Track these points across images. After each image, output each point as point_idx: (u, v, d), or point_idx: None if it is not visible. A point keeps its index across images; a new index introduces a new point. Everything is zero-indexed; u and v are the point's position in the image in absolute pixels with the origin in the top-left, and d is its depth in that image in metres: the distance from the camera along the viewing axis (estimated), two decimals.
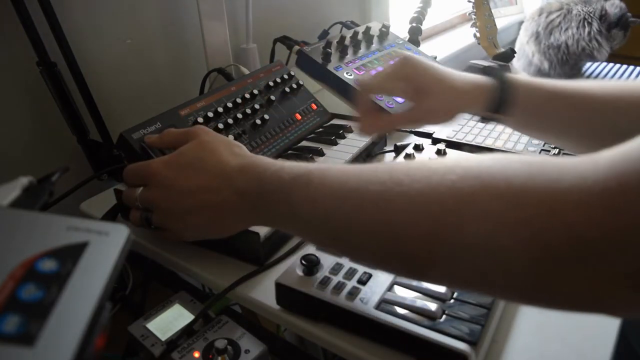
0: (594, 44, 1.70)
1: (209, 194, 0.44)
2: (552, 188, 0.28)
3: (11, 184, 0.30)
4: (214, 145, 0.47)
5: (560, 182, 0.27)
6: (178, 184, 0.45)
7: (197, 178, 0.45)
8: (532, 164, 0.30)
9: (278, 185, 0.41)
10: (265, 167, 0.43)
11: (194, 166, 0.45)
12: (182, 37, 0.86)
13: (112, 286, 0.23)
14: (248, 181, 0.43)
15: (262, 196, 0.42)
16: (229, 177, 0.44)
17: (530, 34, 1.81)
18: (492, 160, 0.32)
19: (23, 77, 0.68)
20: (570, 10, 1.74)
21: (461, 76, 0.58)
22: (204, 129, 0.50)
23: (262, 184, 0.42)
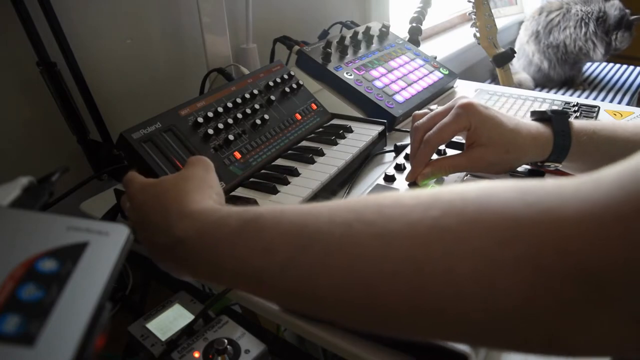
0: (590, 44, 1.70)
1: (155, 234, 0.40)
2: (555, 218, 0.23)
3: (11, 184, 0.30)
4: (186, 182, 0.43)
5: (564, 211, 0.23)
6: (142, 214, 0.42)
7: (154, 214, 0.40)
8: (525, 190, 0.25)
9: (221, 236, 0.35)
10: (209, 212, 0.37)
11: (157, 200, 0.42)
12: (182, 37, 0.86)
13: (112, 286, 0.23)
14: (186, 229, 0.37)
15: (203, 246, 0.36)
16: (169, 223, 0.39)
17: (530, 33, 1.81)
18: (477, 189, 0.27)
19: (23, 77, 0.68)
20: (570, 9, 1.74)
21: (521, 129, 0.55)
22: (200, 161, 0.46)
23: (203, 232, 0.36)
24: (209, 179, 0.45)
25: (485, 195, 0.26)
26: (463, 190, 0.28)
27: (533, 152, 0.56)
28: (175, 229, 0.38)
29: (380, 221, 0.28)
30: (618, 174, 0.23)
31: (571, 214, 0.23)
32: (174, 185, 0.42)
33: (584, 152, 0.55)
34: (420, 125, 0.59)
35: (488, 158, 0.55)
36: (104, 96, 0.75)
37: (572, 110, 0.82)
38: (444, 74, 0.98)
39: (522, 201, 0.25)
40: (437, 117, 0.58)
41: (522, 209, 0.24)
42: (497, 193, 0.26)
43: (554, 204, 0.24)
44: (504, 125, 0.55)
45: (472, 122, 0.55)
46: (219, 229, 0.36)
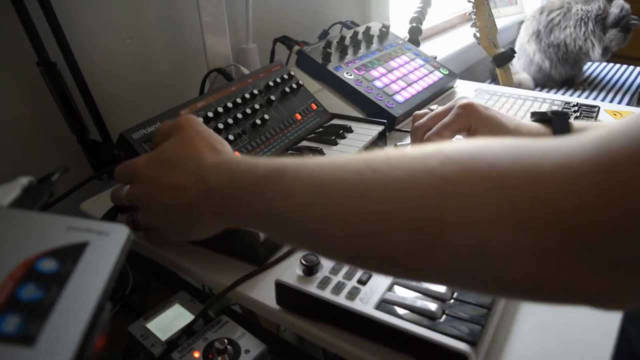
0: (589, 43, 1.70)
1: (182, 192, 0.43)
2: (536, 170, 0.26)
3: (11, 184, 0.30)
4: (193, 141, 0.45)
5: (544, 163, 0.26)
6: (156, 182, 0.44)
7: (172, 175, 0.44)
8: (515, 146, 0.28)
9: (251, 181, 0.39)
10: (239, 163, 0.41)
11: (171, 163, 0.44)
12: (182, 37, 0.86)
13: (112, 286, 0.23)
14: (220, 178, 0.41)
15: (234, 194, 0.40)
16: (201, 174, 0.42)
17: (531, 32, 1.81)
18: (473, 145, 0.30)
19: (23, 77, 0.68)
20: (570, 8, 1.74)
21: (522, 130, 0.56)
22: (190, 120, 0.48)
23: (234, 180, 0.40)
24: (211, 133, 0.48)
25: (480, 149, 0.29)
26: (461, 145, 0.31)
27: None
28: (209, 177, 0.42)
29: (386, 168, 0.31)
30: (597, 134, 0.25)
31: (549, 167, 0.25)
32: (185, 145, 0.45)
33: None
34: (421, 125, 0.59)
35: None
36: (104, 96, 0.75)
37: (572, 111, 0.82)
38: (444, 74, 0.98)
39: (510, 155, 0.27)
40: (437, 117, 0.59)
41: (508, 162, 0.27)
42: (490, 148, 0.29)
43: (535, 158, 0.26)
44: (505, 126, 0.56)
45: (472, 122, 0.55)
46: (249, 176, 0.39)
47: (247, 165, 0.40)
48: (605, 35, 1.69)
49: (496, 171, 0.27)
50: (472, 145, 0.30)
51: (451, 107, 0.58)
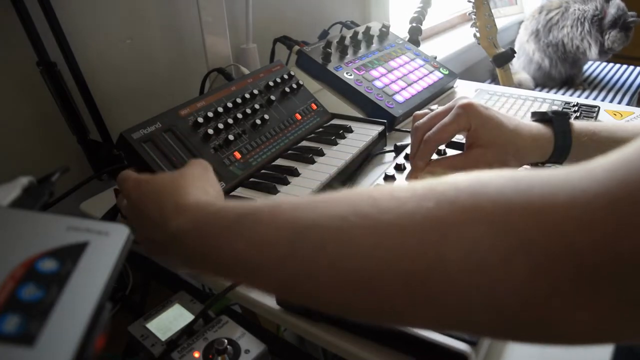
0: (585, 43, 1.70)
1: (153, 230, 0.40)
2: (548, 205, 0.23)
3: (11, 184, 0.30)
4: (182, 179, 0.43)
5: (557, 197, 0.23)
6: (137, 212, 0.43)
7: (150, 209, 0.41)
8: (517, 178, 0.25)
9: (220, 225, 0.35)
10: (206, 206, 0.38)
11: (152, 196, 0.42)
12: (182, 37, 0.86)
13: (112, 286, 0.23)
14: (182, 224, 0.37)
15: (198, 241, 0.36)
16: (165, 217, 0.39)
17: (530, 32, 1.81)
18: (469, 180, 0.27)
19: (23, 77, 0.68)
20: (568, 8, 1.74)
21: (522, 130, 0.55)
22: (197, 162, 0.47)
23: (199, 224, 0.37)
24: (207, 177, 0.45)
25: (478, 184, 0.26)
26: (456, 181, 0.28)
27: (533, 153, 0.56)
28: (171, 222, 0.38)
29: (375, 213, 0.28)
30: (610, 162, 0.23)
31: (562, 201, 0.23)
32: (170, 181, 0.43)
33: (584, 152, 0.55)
34: (421, 125, 0.59)
35: (488, 159, 0.55)
36: (104, 96, 0.75)
37: (572, 111, 0.82)
38: (444, 74, 0.98)
39: (514, 189, 0.25)
40: (437, 117, 0.58)
41: (514, 197, 0.25)
42: (490, 181, 0.26)
43: (545, 191, 0.24)
44: (504, 126, 0.55)
45: (472, 122, 0.55)
46: (215, 222, 0.36)
47: (213, 209, 0.37)
48: (603, 36, 1.69)
49: (501, 208, 0.25)
50: (469, 180, 0.27)
51: (451, 107, 0.58)
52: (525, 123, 0.57)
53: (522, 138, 0.55)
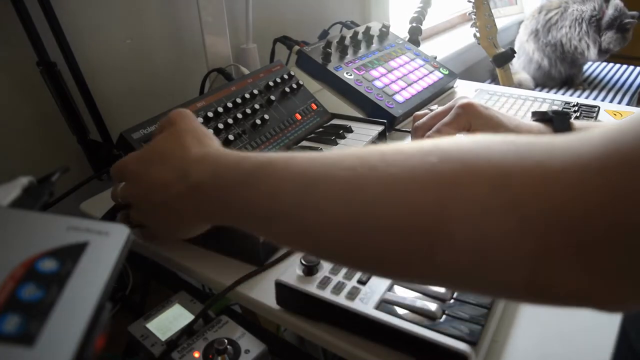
0: (583, 44, 1.70)
1: (167, 189, 0.40)
2: (543, 167, 0.24)
3: (11, 184, 0.30)
4: (180, 136, 0.43)
5: (552, 161, 0.24)
6: (144, 179, 0.43)
7: (158, 173, 0.41)
8: (519, 143, 0.27)
9: (236, 177, 0.36)
10: (224, 157, 0.39)
11: (158, 160, 0.43)
12: (182, 37, 0.86)
13: (112, 286, 0.23)
14: (202, 174, 0.38)
15: (218, 190, 0.37)
16: (184, 169, 0.40)
17: (530, 31, 1.81)
18: (473, 142, 0.28)
19: (23, 77, 0.68)
20: (567, 8, 1.74)
21: (522, 130, 0.57)
22: (180, 115, 0.46)
23: (218, 176, 0.38)
24: (200, 128, 0.46)
25: (482, 146, 0.28)
26: (460, 141, 0.29)
27: None
28: (191, 173, 0.39)
29: (382, 166, 0.29)
30: (605, 131, 0.24)
31: (557, 165, 0.24)
32: (172, 140, 0.43)
33: None
34: (421, 125, 0.59)
35: None
36: (104, 96, 0.75)
37: (572, 110, 0.82)
38: (444, 74, 0.98)
39: (515, 153, 0.26)
40: (437, 117, 0.59)
41: (514, 160, 0.26)
42: (493, 144, 0.27)
43: (543, 157, 0.25)
44: (504, 126, 0.56)
45: (472, 122, 0.55)
46: (234, 172, 0.37)
47: (232, 160, 0.38)
48: (601, 37, 1.69)
49: (500, 169, 0.26)
50: (473, 141, 0.28)
51: (451, 106, 0.58)
52: (526, 123, 0.57)
53: (510, 119, 0.57)
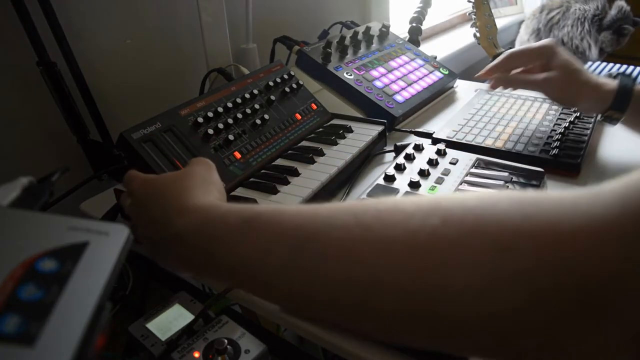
0: (585, 43, 1.70)
1: (156, 230, 0.40)
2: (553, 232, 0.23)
3: (11, 184, 0.30)
4: (187, 179, 0.43)
5: (562, 225, 0.23)
6: (142, 212, 0.43)
7: (154, 211, 0.41)
8: (525, 202, 0.25)
9: (223, 231, 0.35)
10: (213, 209, 0.37)
11: (158, 197, 0.42)
12: (182, 37, 0.86)
13: (112, 286, 0.23)
14: (186, 224, 0.37)
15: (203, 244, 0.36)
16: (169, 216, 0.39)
17: (531, 31, 1.81)
18: (477, 199, 0.27)
19: (23, 77, 0.68)
20: (569, 7, 1.74)
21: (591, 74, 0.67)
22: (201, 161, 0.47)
23: (202, 230, 0.36)
24: (211, 177, 0.45)
25: (485, 205, 0.26)
26: (463, 199, 0.27)
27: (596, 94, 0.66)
28: (175, 222, 0.38)
29: (378, 226, 0.28)
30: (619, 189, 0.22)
31: (569, 229, 0.23)
32: (175, 181, 0.43)
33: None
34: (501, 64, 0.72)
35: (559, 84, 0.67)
36: (104, 96, 0.75)
37: (572, 110, 0.82)
38: (444, 74, 0.98)
39: (521, 213, 0.24)
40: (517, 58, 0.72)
41: (520, 221, 0.24)
42: (497, 204, 0.26)
43: (552, 217, 0.23)
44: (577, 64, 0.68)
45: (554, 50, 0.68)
46: (219, 226, 0.35)
47: (217, 213, 0.36)
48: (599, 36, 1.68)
49: (508, 234, 0.24)
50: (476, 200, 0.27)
51: (531, 48, 0.70)
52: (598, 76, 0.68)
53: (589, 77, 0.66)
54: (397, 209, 0.28)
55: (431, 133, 0.78)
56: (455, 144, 0.73)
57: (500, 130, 0.77)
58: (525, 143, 0.72)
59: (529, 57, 0.71)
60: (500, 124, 0.80)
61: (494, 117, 0.82)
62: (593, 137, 0.75)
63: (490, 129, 0.78)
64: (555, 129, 0.76)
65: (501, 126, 0.79)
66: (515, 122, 0.80)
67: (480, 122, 0.80)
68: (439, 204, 0.27)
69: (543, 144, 0.71)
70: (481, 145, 0.73)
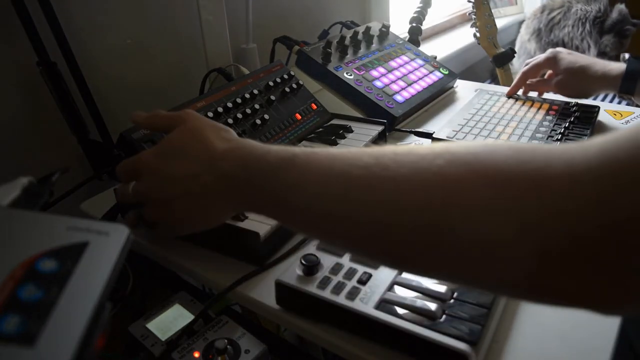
0: (585, 44, 1.70)
1: (193, 181, 0.43)
2: (541, 175, 0.26)
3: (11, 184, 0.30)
4: (201, 131, 0.45)
5: (550, 169, 0.26)
6: (165, 173, 0.44)
7: (182, 165, 0.43)
8: (522, 151, 0.29)
9: (263, 169, 0.39)
10: (251, 150, 0.41)
11: (180, 153, 0.44)
12: (182, 37, 0.86)
13: (112, 286, 0.23)
14: (232, 165, 0.41)
15: (246, 181, 0.40)
16: (212, 162, 0.42)
17: (532, 31, 1.81)
18: (481, 146, 0.31)
19: (23, 77, 0.68)
20: (570, 7, 1.74)
21: (596, 63, 0.80)
22: (191, 114, 0.48)
23: (247, 168, 0.41)
24: (214, 122, 0.48)
25: (487, 151, 0.30)
26: (469, 145, 0.31)
27: (603, 84, 0.82)
28: (222, 164, 0.42)
29: (394, 166, 0.32)
30: (602, 142, 0.26)
31: (555, 173, 0.26)
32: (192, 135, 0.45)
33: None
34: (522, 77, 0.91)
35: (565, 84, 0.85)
36: (104, 96, 0.75)
37: (572, 110, 0.82)
38: (444, 74, 0.98)
39: (516, 159, 0.28)
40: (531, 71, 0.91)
41: (515, 166, 0.28)
42: (497, 150, 0.29)
43: (541, 164, 0.27)
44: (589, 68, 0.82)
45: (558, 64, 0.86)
46: (260, 165, 0.40)
47: (258, 153, 0.41)
48: (601, 39, 1.68)
49: (503, 175, 0.28)
50: (481, 146, 0.30)
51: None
52: (603, 61, 0.81)
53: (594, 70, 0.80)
54: (411, 152, 0.33)
55: (431, 133, 0.78)
56: None
57: (500, 130, 0.77)
58: (525, 143, 0.72)
59: (539, 68, 0.89)
60: (500, 124, 0.80)
61: (494, 117, 0.82)
62: (593, 137, 0.75)
63: (490, 129, 0.78)
64: (555, 129, 0.76)
65: (501, 126, 0.79)
66: (515, 122, 0.80)
67: (481, 122, 0.81)
68: (448, 148, 0.31)
69: (543, 143, 0.71)
70: None
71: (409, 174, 0.31)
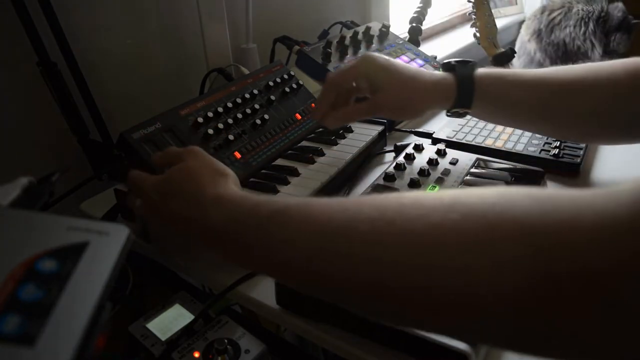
0: (588, 44, 1.70)
1: (187, 224, 0.42)
2: (570, 228, 0.24)
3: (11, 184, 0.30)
4: (196, 172, 0.44)
5: (579, 221, 0.24)
6: (162, 210, 0.44)
7: (178, 204, 0.43)
8: (542, 199, 0.26)
9: (253, 223, 0.37)
10: (241, 201, 0.40)
11: (174, 194, 0.44)
12: (182, 37, 0.86)
13: (112, 286, 0.23)
14: (219, 217, 0.39)
15: (234, 235, 0.38)
16: (201, 209, 0.41)
17: (532, 31, 1.81)
18: (496, 196, 0.28)
19: (23, 77, 0.68)
20: (571, 8, 1.74)
21: (423, 75, 0.60)
22: (194, 151, 0.48)
23: (234, 220, 0.38)
24: (218, 165, 0.47)
25: (505, 202, 0.27)
26: (483, 195, 0.29)
27: (435, 96, 0.60)
28: (209, 214, 0.40)
29: (401, 221, 0.29)
30: (631, 188, 0.24)
31: (585, 225, 0.24)
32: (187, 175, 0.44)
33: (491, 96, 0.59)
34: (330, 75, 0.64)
35: (389, 102, 0.60)
36: (104, 96, 0.75)
37: None
38: None
39: (539, 210, 0.26)
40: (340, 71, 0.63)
41: (539, 218, 0.25)
42: (516, 200, 0.27)
43: (569, 214, 0.25)
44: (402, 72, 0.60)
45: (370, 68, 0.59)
46: (250, 218, 0.37)
47: (248, 205, 0.39)
48: (608, 38, 1.69)
49: (526, 229, 0.25)
50: (496, 196, 0.28)
51: None
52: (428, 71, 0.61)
53: (422, 82, 0.59)
54: (418, 203, 0.30)
55: (431, 133, 0.78)
56: (455, 144, 0.73)
57: (500, 130, 0.77)
58: (525, 143, 0.72)
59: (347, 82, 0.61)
60: None
61: None
62: None
63: (490, 129, 0.78)
64: None
65: (501, 126, 0.79)
66: None
67: (480, 122, 0.80)
68: (459, 199, 0.29)
69: (543, 144, 0.71)
70: (481, 145, 0.73)
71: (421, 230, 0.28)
